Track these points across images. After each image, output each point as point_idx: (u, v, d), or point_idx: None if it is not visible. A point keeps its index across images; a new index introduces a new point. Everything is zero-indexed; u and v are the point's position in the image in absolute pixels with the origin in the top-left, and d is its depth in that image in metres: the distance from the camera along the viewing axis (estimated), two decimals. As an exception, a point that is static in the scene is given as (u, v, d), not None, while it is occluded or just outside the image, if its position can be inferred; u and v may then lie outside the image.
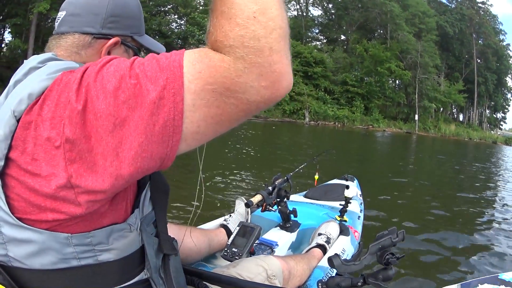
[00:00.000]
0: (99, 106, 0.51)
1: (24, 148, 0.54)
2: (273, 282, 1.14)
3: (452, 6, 39.43)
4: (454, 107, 39.95)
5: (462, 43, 37.99)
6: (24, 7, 19.89)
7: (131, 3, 0.80)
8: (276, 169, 3.95)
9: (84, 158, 0.51)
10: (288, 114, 26.51)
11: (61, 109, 0.53)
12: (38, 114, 0.54)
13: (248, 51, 0.48)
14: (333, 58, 30.70)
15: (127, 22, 0.78)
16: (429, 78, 31.46)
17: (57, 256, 0.56)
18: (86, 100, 0.51)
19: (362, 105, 28.44)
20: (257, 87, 0.49)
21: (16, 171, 0.54)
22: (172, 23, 28.65)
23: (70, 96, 0.52)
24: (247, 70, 0.48)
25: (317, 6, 37.15)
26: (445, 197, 5.18)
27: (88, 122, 0.51)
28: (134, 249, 0.65)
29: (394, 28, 31.67)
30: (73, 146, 0.51)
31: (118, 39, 0.76)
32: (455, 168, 9.39)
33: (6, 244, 0.56)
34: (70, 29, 0.74)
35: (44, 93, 0.56)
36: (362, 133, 22.79)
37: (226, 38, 0.48)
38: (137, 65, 0.52)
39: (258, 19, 0.48)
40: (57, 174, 0.52)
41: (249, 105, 0.51)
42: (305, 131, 20.12)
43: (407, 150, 14.93)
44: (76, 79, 0.54)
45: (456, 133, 31.95)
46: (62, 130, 0.51)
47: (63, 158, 0.52)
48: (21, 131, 0.54)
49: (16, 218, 0.54)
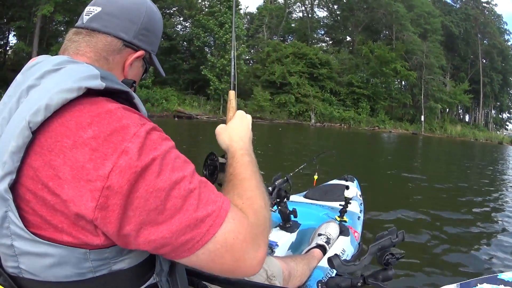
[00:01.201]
0: (158, 182, 0.52)
1: (50, 159, 0.51)
2: (273, 283, 1.12)
3: (457, 6, 39.30)
4: (460, 108, 39.78)
5: (468, 43, 37.84)
6: (28, 9, 19.92)
7: (159, 21, 0.80)
8: (281, 170, 3.97)
9: (114, 211, 0.51)
10: (294, 116, 26.46)
11: (110, 149, 0.51)
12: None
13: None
14: (338, 60, 30.64)
15: (153, 38, 0.78)
16: (434, 78, 31.33)
17: (73, 270, 0.55)
18: (148, 166, 0.52)
19: (368, 106, 28.37)
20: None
21: (34, 184, 0.52)
22: (177, 25, 28.67)
23: (130, 147, 0.52)
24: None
25: (323, 7, 37.27)
26: (447, 197, 5.15)
27: (139, 186, 0.51)
28: (145, 256, 0.64)
29: (400, 28, 31.58)
30: (111, 195, 0.50)
31: (143, 53, 0.75)
32: (460, 169, 9.33)
33: (17, 256, 0.54)
34: (103, 28, 0.70)
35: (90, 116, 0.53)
36: (368, 135, 22.71)
37: None
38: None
39: None
40: (79, 204, 0.50)
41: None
42: (311, 132, 20.07)
43: (412, 151, 14.82)
44: (140, 134, 0.53)
45: (462, 133, 31.80)
46: (105, 172, 0.50)
47: (93, 198, 0.50)
48: (50, 140, 0.52)
49: (31, 233, 0.52)
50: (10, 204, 0.52)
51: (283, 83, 26.78)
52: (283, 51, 28.27)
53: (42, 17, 18.78)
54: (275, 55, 28.06)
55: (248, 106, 25.20)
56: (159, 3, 26.30)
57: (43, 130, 0.53)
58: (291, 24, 36.03)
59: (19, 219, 0.52)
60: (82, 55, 0.69)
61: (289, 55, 28.04)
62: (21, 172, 0.52)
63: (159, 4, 26.47)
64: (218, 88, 24.01)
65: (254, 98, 25.46)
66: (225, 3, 24.65)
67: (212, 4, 26.06)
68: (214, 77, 23.96)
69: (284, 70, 26.82)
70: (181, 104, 23.05)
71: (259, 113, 25.15)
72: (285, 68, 26.95)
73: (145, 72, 0.81)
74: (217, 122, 11.62)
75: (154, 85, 23.93)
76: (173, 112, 21.27)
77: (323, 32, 37.14)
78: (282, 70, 26.81)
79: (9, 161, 0.52)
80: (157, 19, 0.79)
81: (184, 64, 25.73)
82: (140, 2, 0.75)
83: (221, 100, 24.63)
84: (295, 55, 28.30)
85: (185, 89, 25.97)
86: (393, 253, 0.98)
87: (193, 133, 13.06)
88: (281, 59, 27.81)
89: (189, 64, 25.49)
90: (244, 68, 25.78)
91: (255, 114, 25.05)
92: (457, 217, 3.99)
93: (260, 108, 25.25)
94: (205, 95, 24.96)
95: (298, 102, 26.79)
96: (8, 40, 25.40)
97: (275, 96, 26.45)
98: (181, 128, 14.95)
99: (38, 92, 0.57)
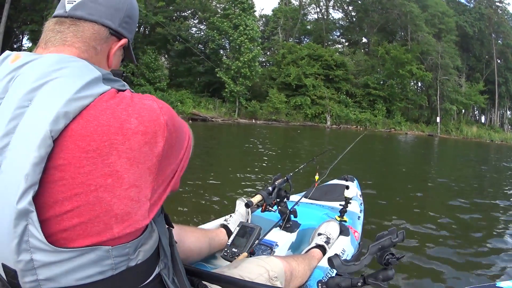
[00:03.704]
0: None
1: (99, 160, 0.55)
2: (275, 284, 1.11)
3: (471, 5, 38.80)
4: (476, 109, 39.26)
5: (482, 43, 37.33)
6: (40, 13, 20.02)
7: (137, 8, 0.80)
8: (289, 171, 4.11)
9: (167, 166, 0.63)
10: (310, 118, 26.24)
11: (155, 127, 0.60)
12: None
13: None
14: (354, 61, 30.36)
15: (133, 26, 0.78)
16: (450, 79, 30.93)
17: (96, 270, 0.56)
18: (174, 124, 0.64)
19: (384, 108, 28.06)
20: None
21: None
22: (192, 28, 28.62)
23: (165, 119, 0.61)
24: None
25: (338, 9, 37.00)
26: (452, 201, 5.04)
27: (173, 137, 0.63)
28: (155, 246, 0.67)
29: (414, 29, 31.26)
30: (162, 159, 0.61)
31: (126, 41, 0.75)
32: (472, 172, 9.14)
33: (36, 269, 0.53)
34: (89, 16, 0.68)
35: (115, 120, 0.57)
36: (384, 136, 22.49)
37: None
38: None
39: None
40: (140, 185, 0.58)
41: None
42: (327, 134, 19.92)
43: (427, 153, 14.64)
44: (162, 105, 0.63)
45: (477, 135, 31.33)
46: (159, 149, 0.60)
47: (150, 173, 0.60)
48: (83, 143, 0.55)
49: (52, 245, 0.53)
50: (32, 217, 0.51)
51: (299, 85, 26.57)
52: (299, 53, 28.02)
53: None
54: (291, 57, 27.84)
55: (263, 109, 25.06)
56: (173, 5, 26.32)
57: (65, 133, 0.53)
58: (306, 25, 35.76)
59: (40, 232, 0.52)
60: (70, 45, 0.66)
61: (304, 57, 27.80)
62: (48, 178, 0.53)
63: (174, 7, 26.48)
64: (233, 90, 23.90)
65: (270, 100, 25.30)
66: (239, 5, 24.54)
67: (226, 6, 25.96)
68: (229, 80, 23.86)
69: (299, 72, 26.61)
70: (196, 107, 22.99)
71: (274, 115, 25.00)
72: (300, 70, 26.72)
73: (122, 61, 0.80)
74: (232, 124, 11.93)
75: (169, 88, 23.95)
76: (188, 114, 21.21)
77: (339, 34, 36.96)
78: (297, 72, 26.59)
79: (31, 173, 0.51)
80: (136, 7, 0.79)
81: (200, 67, 25.64)
82: None
83: (236, 103, 24.53)
84: (311, 56, 28.07)
85: (200, 91, 25.91)
86: (393, 253, 0.99)
87: (207, 135, 13.08)
88: (297, 61, 27.58)
89: (204, 67, 25.39)
90: (260, 70, 25.64)
91: (270, 116, 24.94)
92: (459, 222, 3.92)
93: (276, 111, 25.08)
94: (221, 97, 24.87)
95: (314, 104, 26.56)
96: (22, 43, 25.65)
97: (290, 98, 26.27)
98: (196, 130, 14.75)
99: (47, 97, 0.55)
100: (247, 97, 25.38)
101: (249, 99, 25.39)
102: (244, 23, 24.04)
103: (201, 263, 1.40)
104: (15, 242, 0.52)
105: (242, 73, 23.84)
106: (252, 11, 25.44)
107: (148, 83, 22.85)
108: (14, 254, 0.52)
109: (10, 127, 0.54)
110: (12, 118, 0.54)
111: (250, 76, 24.24)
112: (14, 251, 0.52)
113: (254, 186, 4.71)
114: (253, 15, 25.78)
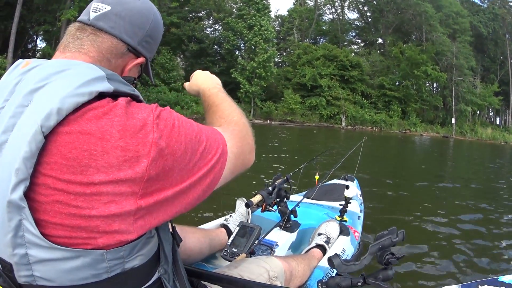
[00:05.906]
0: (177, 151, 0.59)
1: (76, 164, 0.53)
2: (275, 283, 1.11)
3: (485, 6, 38.41)
4: (491, 111, 38.84)
5: (496, 43, 36.92)
6: (53, 14, 20.10)
7: (162, 30, 0.79)
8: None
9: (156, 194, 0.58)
10: (325, 119, 26.10)
11: (139, 145, 0.55)
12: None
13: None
14: (369, 62, 30.16)
15: (154, 46, 0.78)
16: (464, 80, 30.63)
17: (90, 272, 0.56)
18: (171, 145, 0.58)
19: (400, 109, 27.83)
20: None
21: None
22: (207, 28, 28.62)
23: (154, 137, 0.56)
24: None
25: (353, 9, 36.79)
26: (455, 200, 5.05)
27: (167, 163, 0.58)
28: (154, 251, 0.66)
29: (429, 29, 31.00)
30: (153, 183, 0.57)
31: (144, 60, 0.75)
32: (481, 173, 9.05)
33: (32, 265, 0.54)
34: (110, 29, 0.68)
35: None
36: (398, 138, 22.31)
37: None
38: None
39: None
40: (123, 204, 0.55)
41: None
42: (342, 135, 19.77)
43: (440, 154, 14.42)
44: (158, 114, 0.59)
45: (492, 136, 30.99)
46: (143, 168, 0.55)
47: (132, 194, 0.55)
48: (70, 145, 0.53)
49: (49, 241, 0.53)
50: (26, 212, 0.52)
51: (314, 85, 26.44)
52: (314, 54, 27.89)
53: (67, 22, 18.81)
54: (306, 57, 27.72)
55: (278, 109, 24.98)
56: (188, 6, 26.31)
57: (56, 133, 0.52)
58: (322, 26, 35.61)
59: (35, 227, 0.52)
60: (85, 53, 0.66)
61: (319, 57, 27.64)
62: (36, 178, 0.52)
63: (188, 7, 26.48)
64: (249, 91, 23.85)
65: (285, 101, 25.23)
66: (253, 6, 24.47)
67: (240, 7, 25.91)
68: (244, 80, 23.82)
69: (314, 72, 26.48)
70: (212, 107, 22.89)
71: (289, 116, 24.90)
72: (316, 71, 26.60)
73: (138, 78, 0.79)
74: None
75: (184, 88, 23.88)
76: (203, 115, 21.13)
77: (354, 34, 36.76)
78: (312, 72, 26.47)
79: (22, 168, 0.51)
80: (161, 28, 0.78)
81: (215, 67, 25.61)
82: (149, 8, 0.74)
83: (251, 103, 24.46)
84: (326, 57, 27.90)
85: (215, 92, 25.84)
86: (393, 253, 0.98)
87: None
88: (312, 62, 27.45)
89: (219, 67, 25.38)
90: (275, 70, 25.54)
91: (285, 117, 24.85)
92: (460, 219, 3.92)
93: (291, 111, 24.99)
94: (236, 98, 24.75)
95: (329, 105, 26.41)
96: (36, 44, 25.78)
97: (306, 99, 26.17)
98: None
99: (45, 95, 0.56)
100: (262, 97, 25.32)
101: (264, 99, 25.33)
102: (259, 24, 23.99)
103: (201, 263, 1.41)
104: (10, 236, 0.52)
105: (257, 74, 23.79)
106: (267, 12, 25.37)
107: (163, 83, 22.86)
108: (9, 247, 0.53)
109: (9, 124, 0.55)
110: (12, 116, 0.56)
111: (265, 77, 24.19)
112: (9, 245, 0.53)
113: (257, 187, 4.65)
114: (268, 16, 25.70)
